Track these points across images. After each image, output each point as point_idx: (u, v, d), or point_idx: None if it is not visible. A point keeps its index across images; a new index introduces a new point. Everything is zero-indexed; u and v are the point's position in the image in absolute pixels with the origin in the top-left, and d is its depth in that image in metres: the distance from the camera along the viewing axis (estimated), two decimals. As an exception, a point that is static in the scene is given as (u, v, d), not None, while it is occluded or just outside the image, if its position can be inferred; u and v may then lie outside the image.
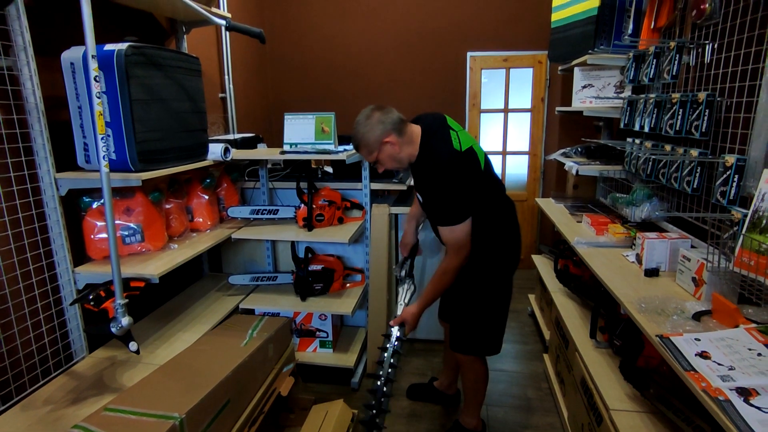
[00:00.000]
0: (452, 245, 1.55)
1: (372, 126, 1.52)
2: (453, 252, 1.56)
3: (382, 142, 1.52)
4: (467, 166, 1.52)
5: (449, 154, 1.49)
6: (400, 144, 1.54)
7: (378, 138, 1.52)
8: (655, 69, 1.80)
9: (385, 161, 1.57)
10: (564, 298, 2.26)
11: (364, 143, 1.55)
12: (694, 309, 1.24)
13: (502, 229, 1.64)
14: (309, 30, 3.74)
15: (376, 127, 1.52)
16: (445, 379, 2.16)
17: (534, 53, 3.50)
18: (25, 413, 1.40)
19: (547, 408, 2.12)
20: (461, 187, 1.50)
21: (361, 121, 1.55)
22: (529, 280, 3.26)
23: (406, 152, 1.56)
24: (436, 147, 1.52)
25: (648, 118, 1.79)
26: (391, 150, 1.54)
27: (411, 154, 1.57)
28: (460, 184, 1.49)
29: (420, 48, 3.62)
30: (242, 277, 2.35)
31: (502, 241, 1.65)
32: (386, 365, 1.64)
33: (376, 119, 1.53)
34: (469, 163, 1.53)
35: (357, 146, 1.59)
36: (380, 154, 1.55)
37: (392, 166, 1.59)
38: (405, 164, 1.60)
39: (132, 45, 1.49)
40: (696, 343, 1.06)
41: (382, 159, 1.57)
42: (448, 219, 1.52)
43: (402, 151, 1.56)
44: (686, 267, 1.42)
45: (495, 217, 1.62)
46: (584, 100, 2.20)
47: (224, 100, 2.99)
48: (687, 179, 1.58)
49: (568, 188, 3.19)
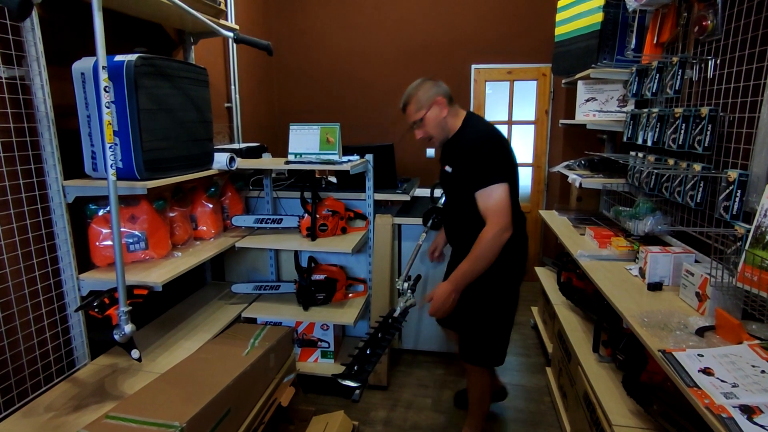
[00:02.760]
0: (492, 210, 1.47)
1: (427, 86, 1.59)
2: (493, 219, 1.46)
3: (434, 102, 1.57)
4: (506, 149, 1.57)
5: (494, 131, 1.57)
6: (447, 111, 1.60)
7: (430, 97, 1.57)
8: (657, 83, 1.81)
9: (428, 122, 1.59)
10: (567, 311, 2.25)
11: (416, 99, 1.59)
12: (698, 324, 1.24)
13: (514, 238, 1.58)
14: (315, 41, 3.80)
15: (430, 88, 1.59)
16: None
17: (538, 66, 3.53)
18: (27, 419, 1.40)
19: (549, 422, 2.09)
20: (500, 155, 1.52)
21: (415, 83, 1.62)
22: (531, 292, 3.25)
23: (450, 122, 1.61)
24: (481, 124, 1.61)
25: (651, 132, 1.80)
26: (438, 112, 1.58)
27: (453, 127, 1.62)
28: (499, 152, 1.52)
29: (425, 60, 3.66)
30: (245, 286, 2.36)
31: (514, 251, 1.62)
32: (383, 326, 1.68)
33: (431, 83, 1.61)
34: (508, 150, 1.57)
35: (406, 103, 1.61)
36: (428, 112, 1.58)
37: (432, 131, 1.61)
38: (443, 135, 1.62)
39: (141, 56, 1.52)
40: (699, 359, 1.06)
41: (428, 119, 1.59)
42: (485, 179, 1.47)
43: (447, 119, 1.60)
44: (690, 282, 1.41)
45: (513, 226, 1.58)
46: (587, 113, 2.22)
47: (230, 110, 3.03)
48: (690, 193, 1.58)
49: (572, 201, 3.19)
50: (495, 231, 1.46)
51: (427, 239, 2.52)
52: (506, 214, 1.47)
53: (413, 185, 2.79)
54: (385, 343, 1.64)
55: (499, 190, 1.46)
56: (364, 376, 1.45)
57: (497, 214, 1.46)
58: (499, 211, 1.46)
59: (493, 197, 1.47)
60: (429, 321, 2.63)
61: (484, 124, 1.61)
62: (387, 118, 3.79)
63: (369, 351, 1.58)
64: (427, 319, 2.63)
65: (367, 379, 1.47)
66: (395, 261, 2.55)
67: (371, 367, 1.51)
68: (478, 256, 1.48)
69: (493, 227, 1.46)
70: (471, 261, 1.50)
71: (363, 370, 1.48)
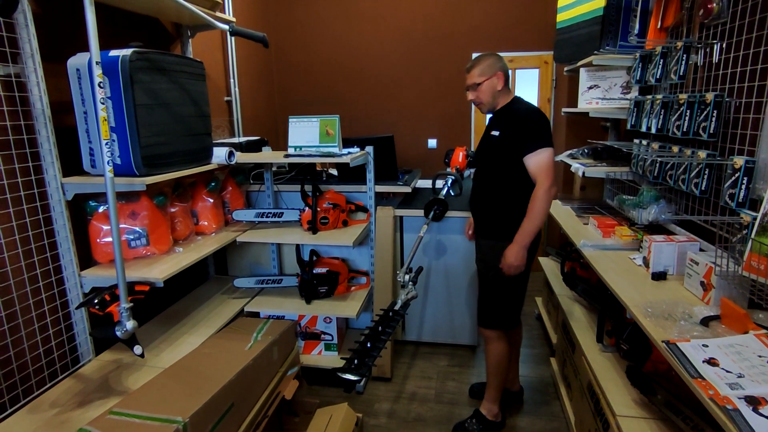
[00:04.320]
0: (542, 169, 1.66)
1: (495, 59, 1.78)
2: (542, 177, 1.66)
3: (495, 73, 1.76)
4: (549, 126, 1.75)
5: (540, 110, 1.76)
6: (504, 86, 1.79)
7: (496, 68, 1.76)
8: (662, 69, 1.77)
9: (485, 89, 1.77)
10: (570, 301, 2.24)
11: (484, 64, 1.76)
12: (702, 314, 1.22)
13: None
14: (315, 33, 3.76)
15: (497, 61, 1.78)
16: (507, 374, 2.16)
17: (540, 54, 3.47)
18: (32, 416, 1.41)
19: (554, 412, 2.09)
20: (547, 127, 1.71)
21: (485, 53, 1.82)
22: (536, 282, 3.23)
23: (502, 97, 1.80)
24: (529, 103, 1.81)
25: (655, 119, 1.76)
26: (496, 83, 1.76)
27: (501, 101, 1.81)
28: (546, 124, 1.71)
29: (426, 48, 3.62)
30: (247, 280, 2.36)
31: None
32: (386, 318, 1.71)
33: (499, 57, 1.81)
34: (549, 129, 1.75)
35: (473, 65, 1.79)
36: (488, 79, 1.76)
37: (484, 97, 1.79)
38: (491, 104, 1.81)
39: (136, 51, 1.50)
40: (704, 350, 1.04)
41: (486, 85, 1.77)
42: (536, 144, 1.66)
43: (500, 92, 1.79)
44: (694, 271, 1.39)
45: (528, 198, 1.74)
46: (590, 101, 2.18)
47: (230, 104, 3.00)
48: (695, 181, 1.55)
49: (575, 190, 3.16)
50: (545, 187, 1.65)
51: (428, 231, 2.51)
52: (552, 175, 1.67)
53: (414, 177, 2.77)
54: (385, 337, 1.63)
55: (547, 153, 1.66)
56: (364, 369, 1.46)
57: (546, 173, 1.66)
58: (547, 171, 1.66)
59: (542, 159, 1.66)
60: (432, 312, 2.62)
61: (532, 104, 1.81)
62: (389, 109, 3.76)
63: (370, 344, 1.57)
64: (431, 310, 2.63)
65: (367, 372, 1.47)
66: (397, 253, 2.54)
67: (372, 360, 1.51)
68: (534, 212, 1.67)
69: (542, 185, 1.66)
70: (529, 218, 1.69)
71: (363, 363, 1.48)
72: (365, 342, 1.59)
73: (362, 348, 1.57)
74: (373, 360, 1.52)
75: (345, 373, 1.47)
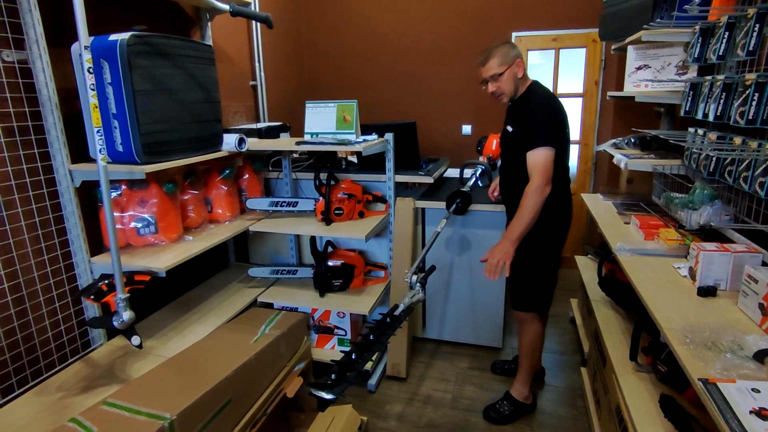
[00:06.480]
0: (536, 168, 1.66)
1: (510, 46, 1.78)
2: (534, 176, 1.66)
3: (515, 60, 1.76)
4: (561, 116, 1.74)
5: (553, 99, 1.75)
6: (522, 73, 1.78)
7: (514, 57, 1.76)
8: (727, 43, 1.49)
9: (506, 78, 1.75)
10: (606, 308, 2.01)
11: (502, 54, 1.75)
12: (758, 345, 1.00)
13: (557, 195, 1.76)
14: (345, 14, 3.62)
15: (513, 49, 1.78)
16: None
17: (588, 31, 3.14)
18: (38, 398, 1.44)
19: (580, 429, 1.91)
20: (554, 122, 1.70)
21: (497, 44, 1.80)
22: (572, 281, 2.99)
23: (522, 84, 1.79)
24: (543, 91, 1.78)
25: (714, 104, 1.49)
26: (516, 71, 1.76)
27: (522, 88, 1.80)
28: (554, 120, 1.70)
29: (460, 28, 3.38)
30: (262, 270, 2.32)
31: (557, 207, 1.79)
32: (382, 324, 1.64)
33: (513, 45, 1.81)
34: (563, 117, 1.75)
35: (488, 57, 1.76)
36: (509, 68, 1.75)
37: (506, 87, 1.77)
38: (513, 93, 1.79)
39: (135, 34, 1.45)
40: (753, 396, 0.84)
41: (507, 75, 1.75)
42: (536, 142, 1.66)
43: (520, 80, 1.78)
44: (752, 289, 1.16)
45: (558, 185, 1.73)
46: (638, 83, 1.90)
47: (255, 88, 2.96)
48: (760, 180, 1.29)
49: (622, 183, 2.86)
50: (537, 185, 1.64)
51: (451, 225, 2.35)
52: (547, 174, 1.65)
53: (440, 166, 2.61)
54: (376, 348, 1.50)
55: (544, 152, 1.65)
56: (341, 387, 1.33)
57: (539, 172, 1.65)
58: (541, 170, 1.65)
59: (538, 157, 1.65)
60: (455, 309, 2.48)
61: (546, 91, 1.78)
62: (419, 94, 3.57)
63: (355, 356, 1.45)
64: (453, 308, 2.48)
65: (343, 391, 1.34)
66: (418, 247, 2.41)
67: (354, 376, 1.39)
68: (522, 209, 1.67)
69: (534, 182, 1.66)
70: (518, 216, 1.68)
71: (342, 379, 1.36)
72: (350, 353, 1.47)
73: (346, 359, 1.45)
74: (355, 375, 1.40)
75: (319, 390, 1.34)
